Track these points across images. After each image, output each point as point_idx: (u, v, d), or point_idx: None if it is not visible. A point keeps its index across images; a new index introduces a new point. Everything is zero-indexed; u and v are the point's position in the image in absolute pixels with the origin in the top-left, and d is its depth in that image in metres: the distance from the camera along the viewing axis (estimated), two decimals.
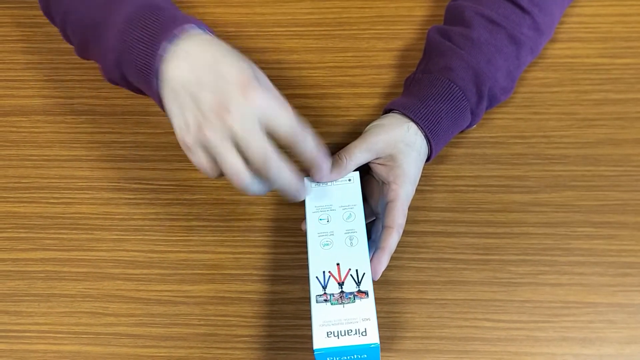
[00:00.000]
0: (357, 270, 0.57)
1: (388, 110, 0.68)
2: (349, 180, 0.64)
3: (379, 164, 0.65)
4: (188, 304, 0.66)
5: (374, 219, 0.66)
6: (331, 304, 0.56)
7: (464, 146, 0.72)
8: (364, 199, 0.66)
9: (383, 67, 0.78)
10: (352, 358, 0.55)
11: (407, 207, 0.63)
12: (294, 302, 0.65)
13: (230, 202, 0.71)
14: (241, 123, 0.52)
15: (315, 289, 0.57)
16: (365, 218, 0.62)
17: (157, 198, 0.72)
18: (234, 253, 0.68)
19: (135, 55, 0.57)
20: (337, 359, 0.55)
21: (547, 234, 0.67)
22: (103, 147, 0.75)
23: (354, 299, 0.56)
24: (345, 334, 0.54)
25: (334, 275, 0.57)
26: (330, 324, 0.54)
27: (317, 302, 0.56)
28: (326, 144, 0.74)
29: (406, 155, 0.63)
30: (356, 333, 0.54)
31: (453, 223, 0.68)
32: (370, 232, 0.65)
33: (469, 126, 0.70)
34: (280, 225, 0.69)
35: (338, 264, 0.58)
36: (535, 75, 0.76)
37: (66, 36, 0.67)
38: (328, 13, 0.83)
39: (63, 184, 0.73)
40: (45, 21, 0.74)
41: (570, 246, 0.66)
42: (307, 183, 0.64)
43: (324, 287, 0.57)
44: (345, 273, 0.57)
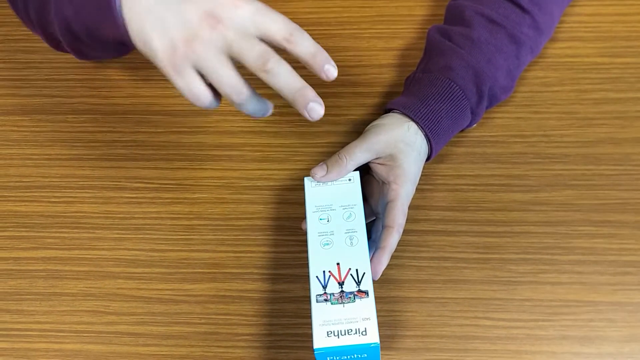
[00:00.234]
0: (357, 270, 0.58)
1: (388, 110, 0.68)
2: (349, 180, 0.64)
3: (379, 163, 0.65)
4: (189, 302, 0.66)
5: (374, 218, 0.66)
6: (331, 303, 0.56)
7: (464, 145, 0.73)
8: (364, 198, 0.66)
9: (383, 67, 0.78)
10: (353, 357, 0.55)
11: (407, 206, 0.63)
12: (294, 300, 0.65)
13: (231, 201, 0.71)
14: (235, 30, 0.48)
15: (315, 289, 0.57)
16: (366, 218, 0.62)
17: (158, 197, 0.72)
18: (234, 252, 0.68)
19: None
20: (338, 358, 0.55)
21: (547, 232, 0.67)
22: (104, 146, 0.75)
23: (354, 298, 0.56)
24: (345, 334, 0.54)
25: (334, 274, 0.58)
26: (330, 323, 0.55)
27: (317, 301, 0.56)
28: (326, 144, 0.74)
29: (406, 155, 0.63)
30: (356, 332, 0.54)
31: (453, 222, 0.68)
32: (371, 232, 0.66)
33: (469, 125, 0.70)
34: (281, 224, 0.69)
35: (338, 264, 0.58)
36: (536, 74, 0.76)
37: (28, 16, 0.63)
38: (328, 12, 0.83)
39: (64, 182, 0.73)
40: None
41: (571, 245, 0.67)
42: (307, 183, 0.64)
43: (324, 287, 0.57)
44: (346, 273, 0.58)
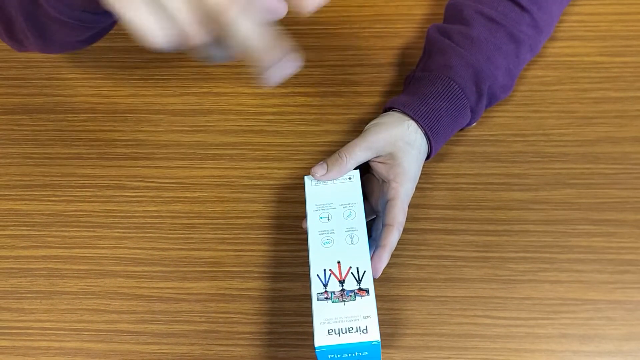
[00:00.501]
0: (357, 268, 0.58)
1: (388, 109, 0.68)
2: (349, 178, 0.64)
3: (379, 162, 0.65)
4: (189, 301, 0.66)
5: (374, 217, 0.66)
6: (332, 301, 0.56)
7: (463, 144, 0.73)
8: (364, 197, 0.67)
9: (383, 66, 0.79)
10: (353, 355, 0.55)
11: (407, 205, 0.64)
12: (295, 299, 0.66)
13: (231, 200, 0.71)
14: None
15: (316, 287, 0.57)
16: (366, 216, 0.63)
17: (159, 196, 0.72)
18: (235, 250, 0.68)
19: None
20: (339, 356, 0.55)
21: (547, 231, 0.67)
22: (104, 145, 0.75)
23: (355, 296, 0.56)
24: (346, 332, 0.54)
25: (335, 273, 0.58)
26: (331, 321, 0.55)
27: (318, 300, 0.56)
28: (326, 143, 0.74)
29: (406, 154, 0.63)
30: (357, 330, 0.54)
31: (453, 221, 0.69)
32: (371, 230, 0.66)
33: (468, 124, 0.70)
34: (281, 223, 0.70)
35: (339, 262, 0.58)
36: (535, 73, 0.76)
37: None
38: (328, 12, 0.83)
39: (65, 181, 0.73)
40: None
41: (570, 244, 0.67)
42: (308, 181, 0.64)
43: (325, 285, 0.57)
44: (346, 271, 0.58)
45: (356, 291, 0.56)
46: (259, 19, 0.40)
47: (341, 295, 0.56)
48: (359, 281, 0.57)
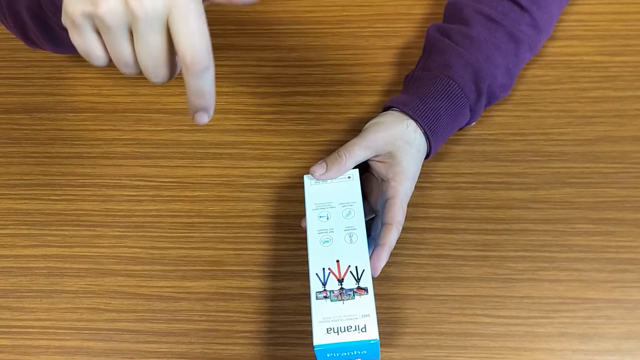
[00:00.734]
0: (356, 267, 0.58)
1: (387, 108, 0.68)
2: (349, 177, 0.64)
3: (378, 161, 0.65)
4: (189, 300, 0.66)
5: (374, 216, 0.67)
6: (331, 300, 0.56)
7: (463, 143, 0.73)
8: (364, 196, 0.67)
9: (383, 65, 0.79)
10: (352, 354, 0.55)
11: (407, 204, 0.64)
12: (294, 298, 0.66)
13: (231, 199, 0.71)
14: (146, 13, 0.42)
15: (315, 286, 0.57)
16: (365, 215, 0.63)
17: (158, 195, 0.72)
18: (234, 249, 0.69)
19: None
20: (337, 354, 0.55)
21: (546, 230, 0.68)
22: (104, 144, 0.75)
23: (354, 295, 0.56)
24: (345, 330, 0.54)
25: (334, 272, 0.58)
26: (330, 320, 0.55)
27: (317, 298, 0.56)
28: (326, 142, 0.74)
29: (405, 153, 0.64)
30: (356, 329, 0.54)
31: (452, 220, 0.69)
32: (370, 229, 0.66)
33: (468, 123, 0.70)
34: (281, 222, 0.70)
35: (338, 261, 0.58)
36: (534, 72, 0.77)
37: (2, 12, 0.64)
38: (328, 11, 0.83)
39: (65, 180, 0.73)
40: None
41: (569, 242, 0.67)
42: (307, 180, 0.64)
43: (324, 284, 0.57)
44: (345, 270, 0.58)
45: (355, 290, 0.56)
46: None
47: (340, 294, 0.56)
48: (357, 280, 0.57)
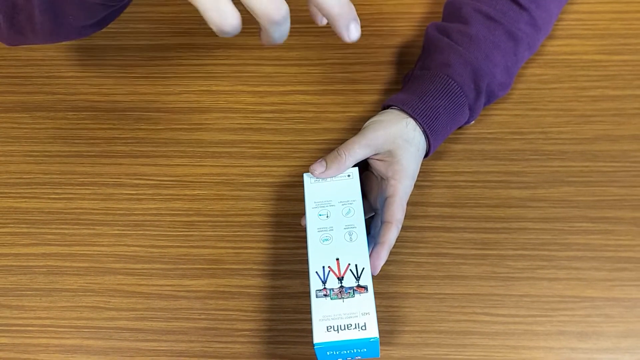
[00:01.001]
0: (356, 265, 0.58)
1: (387, 107, 0.68)
2: (348, 176, 0.64)
3: (377, 159, 0.65)
4: (189, 298, 0.66)
5: (373, 214, 0.67)
6: (331, 298, 0.56)
7: (462, 142, 0.73)
8: (363, 194, 0.67)
9: (382, 64, 0.79)
10: (352, 352, 0.55)
11: (406, 202, 0.64)
12: (294, 296, 0.66)
13: (231, 198, 0.71)
14: None
15: (315, 284, 0.57)
16: (364, 214, 0.63)
17: (158, 194, 0.72)
18: (234, 248, 0.69)
19: None
20: (337, 352, 0.55)
21: (545, 229, 0.68)
22: (104, 143, 0.75)
23: (354, 293, 0.56)
24: (345, 328, 0.54)
25: (334, 270, 0.58)
26: (330, 318, 0.55)
27: (316, 296, 0.56)
28: (325, 141, 0.74)
29: (405, 151, 0.64)
30: (356, 327, 0.54)
31: (451, 218, 0.69)
32: (369, 228, 0.66)
33: (467, 122, 0.70)
34: (280, 221, 0.70)
35: (337, 259, 0.58)
36: (533, 71, 0.77)
37: None
38: None
39: (64, 179, 0.73)
40: None
41: (568, 241, 0.67)
42: (307, 179, 0.64)
43: (324, 282, 0.57)
44: (345, 268, 0.58)
45: (355, 288, 0.56)
46: None
47: (340, 292, 0.56)
48: (357, 278, 0.57)
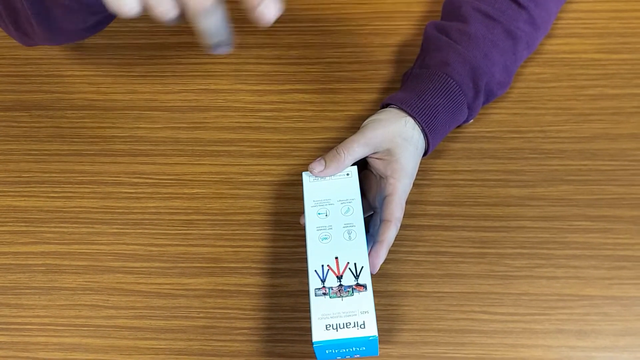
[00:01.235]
0: (355, 264, 0.58)
1: (386, 105, 0.68)
2: (347, 174, 0.64)
3: (376, 158, 0.65)
4: (187, 296, 0.66)
5: (372, 213, 0.67)
6: (330, 297, 0.56)
7: (461, 141, 0.73)
8: (362, 193, 0.67)
9: (381, 63, 0.79)
10: (351, 350, 0.55)
11: (405, 200, 0.64)
12: (292, 295, 0.66)
13: (229, 196, 0.71)
14: None
15: (314, 283, 0.57)
16: (363, 212, 0.63)
17: (157, 192, 0.72)
18: (232, 246, 0.69)
19: None
20: (336, 351, 0.55)
21: (544, 227, 0.68)
22: (103, 142, 0.75)
23: (353, 292, 0.56)
24: (344, 327, 0.54)
25: (333, 268, 0.58)
26: (329, 316, 0.55)
27: (315, 295, 0.56)
28: (324, 139, 0.74)
29: (403, 150, 0.64)
30: (355, 326, 0.54)
31: (450, 217, 0.69)
32: (368, 226, 0.66)
33: (466, 121, 0.70)
34: (279, 219, 0.70)
35: (336, 258, 0.58)
36: (532, 70, 0.77)
37: None
38: (326, 9, 0.83)
39: (63, 178, 0.73)
40: None
41: (566, 240, 0.67)
42: (306, 178, 0.64)
43: (323, 281, 0.57)
44: (344, 266, 0.58)
45: (354, 286, 0.56)
46: None
47: (339, 290, 0.56)
48: (356, 277, 0.57)
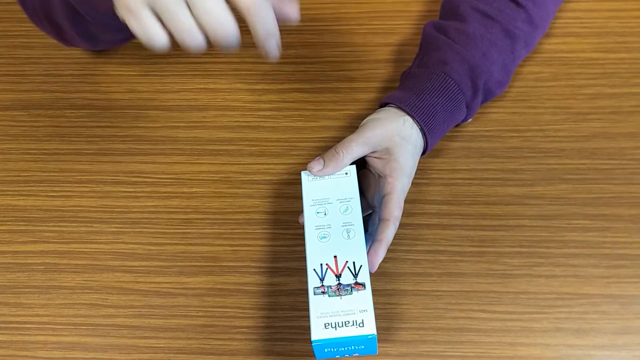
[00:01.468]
0: (354, 263, 0.58)
1: (384, 104, 0.68)
2: (346, 173, 0.64)
3: (375, 157, 0.65)
4: (186, 295, 0.66)
5: (371, 212, 0.67)
6: (329, 295, 0.56)
7: (459, 140, 0.73)
8: (361, 192, 0.67)
9: (379, 62, 0.79)
10: (350, 349, 0.56)
11: (403, 199, 0.64)
12: (291, 293, 0.66)
13: (228, 195, 0.71)
14: None
15: (312, 281, 0.57)
16: (362, 211, 0.63)
17: (156, 191, 0.72)
18: (231, 245, 0.69)
19: None
20: (335, 349, 0.55)
21: (542, 226, 0.68)
22: (102, 141, 0.75)
23: (351, 290, 0.56)
24: (342, 325, 0.54)
25: (332, 267, 0.58)
26: (327, 315, 0.55)
27: (314, 294, 0.56)
28: (323, 138, 0.75)
29: (402, 149, 0.64)
30: (353, 324, 0.54)
31: (449, 216, 0.69)
32: (367, 225, 0.66)
33: (464, 120, 0.71)
34: (278, 218, 0.70)
35: (335, 257, 0.59)
36: (531, 69, 0.77)
37: (34, 10, 0.70)
38: (325, 8, 0.83)
39: (62, 177, 0.74)
40: None
41: (565, 238, 0.67)
42: (304, 177, 0.64)
43: (322, 280, 0.57)
44: (343, 265, 0.58)
45: (353, 285, 0.56)
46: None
47: (338, 289, 0.56)
48: (355, 275, 0.57)
